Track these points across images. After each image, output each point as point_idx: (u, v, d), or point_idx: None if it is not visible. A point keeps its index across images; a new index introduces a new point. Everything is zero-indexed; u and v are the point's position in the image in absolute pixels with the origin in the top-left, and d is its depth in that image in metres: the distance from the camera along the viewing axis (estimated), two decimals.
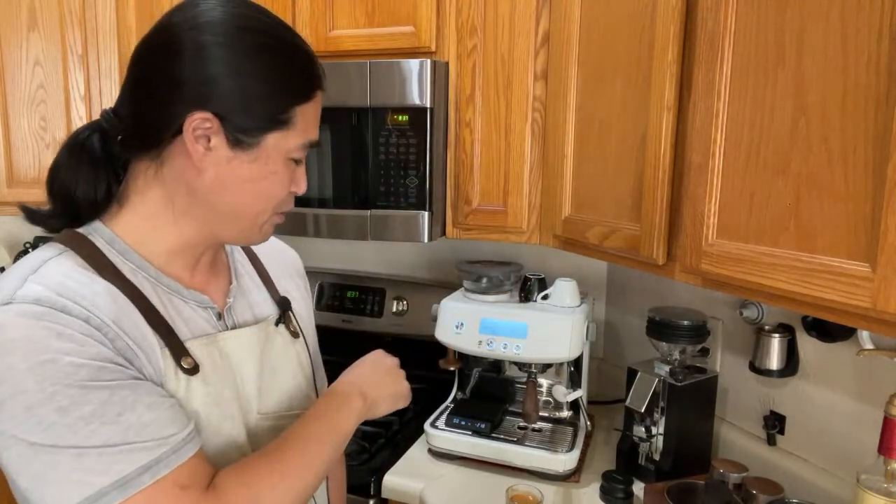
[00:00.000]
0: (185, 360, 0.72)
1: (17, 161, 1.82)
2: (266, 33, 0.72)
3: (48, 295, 0.64)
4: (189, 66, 0.68)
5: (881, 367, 1.11)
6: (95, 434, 0.62)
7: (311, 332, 1.00)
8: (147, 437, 0.64)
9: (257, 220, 0.77)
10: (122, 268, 0.72)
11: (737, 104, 0.89)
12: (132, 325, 0.69)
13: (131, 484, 0.62)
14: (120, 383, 0.64)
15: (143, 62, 0.72)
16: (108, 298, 0.68)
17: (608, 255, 1.26)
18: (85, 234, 0.73)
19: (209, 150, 0.70)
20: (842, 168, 0.75)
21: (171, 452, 0.65)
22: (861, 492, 0.95)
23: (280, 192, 0.76)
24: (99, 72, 1.85)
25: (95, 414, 0.62)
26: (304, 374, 0.90)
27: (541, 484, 1.28)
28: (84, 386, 0.62)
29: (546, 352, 1.38)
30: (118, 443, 0.62)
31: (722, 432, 1.43)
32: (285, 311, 0.89)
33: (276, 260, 0.96)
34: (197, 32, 0.69)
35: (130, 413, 0.64)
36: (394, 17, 1.51)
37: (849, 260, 0.73)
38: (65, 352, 0.62)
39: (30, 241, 2.11)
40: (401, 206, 1.48)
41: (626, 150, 1.15)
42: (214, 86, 0.68)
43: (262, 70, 0.71)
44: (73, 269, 0.68)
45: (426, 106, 1.43)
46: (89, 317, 0.65)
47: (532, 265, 1.85)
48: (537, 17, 1.41)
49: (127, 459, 0.62)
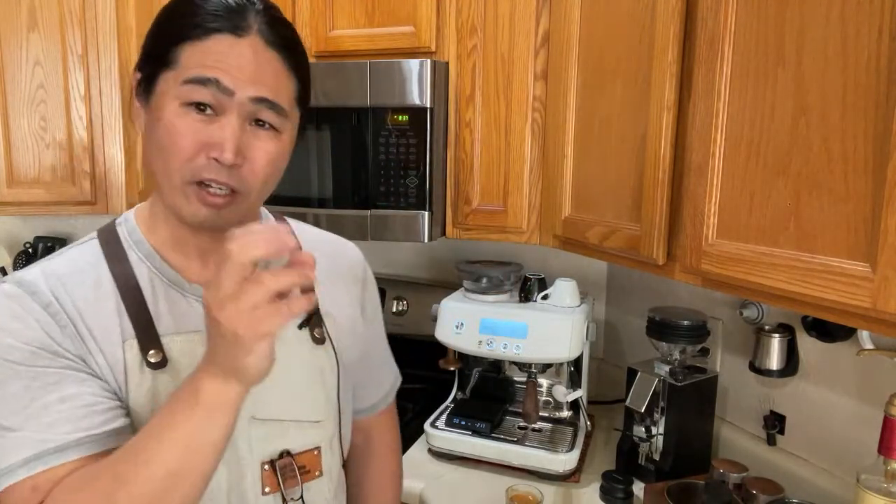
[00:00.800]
0: (153, 354, 0.71)
1: (17, 161, 1.82)
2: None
3: (31, 278, 0.70)
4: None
5: (881, 367, 1.11)
6: (8, 417, 0.65)
7: (353, 343, 0.90)
8: (42, 430, 0.65)
9: (170, 183, 0.69)
10: (132, 257, 0.75)
11: (737, 104, 0.89)
12: (99, 316, 0.70)
13: (13, 474, 0.64)
14: (46, 370, 0.66)
15: None
16: (91, 288, 0.71)
17: (608, 255, 1.26)
18: (115, 225, 0.78)
19: (137, 110, 0.73)
20: (842, 168, 0.75)
21: (55, 451, 0.65)
22: (861, 492, 0.95)
23: (176, 145, 0.67)
24: (99, 72, 1.85)
25: (15, 396, 0.65)
26: (325, 382, 0.83)
27: (541, 484, 1.28)
28: (13, 367, 0.66)
29: (546, 352, 1.38)
30: (17, 429, 0.65)
31: (722, 432, 1.43)
32: (312, 313, 0.83)
33: (328, 260, 0.88)
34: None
35: (42, 401, 0.65)
36: (394, 17, 1.51)
37: (849, 260, 0.73)
38: (10, 332, 0.66)
39: (30, 241, 2.11)
40: (401, 206, 1.48)
41: (626, 150, 1.15)
42: (142, 45, 0.73)
43: (161, 15, 0.72)
44: (84, 256, 0.74)
45: (426, 106, 1.43)
46: (50, 303, 0.69)
47: (532, 265, 1.85)
48: (537, 17, 1.41)
49: (17, 447, 0.64)
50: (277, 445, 0.79)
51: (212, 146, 0.67)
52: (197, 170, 0.68)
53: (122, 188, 1.91)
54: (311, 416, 0.82)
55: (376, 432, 1.05)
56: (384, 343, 1.04)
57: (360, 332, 0.93)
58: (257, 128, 0.70)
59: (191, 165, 0.68)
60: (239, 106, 0.68)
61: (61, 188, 1.86)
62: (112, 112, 1.88)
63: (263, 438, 0.77)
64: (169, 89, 0.68)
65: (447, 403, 1.58)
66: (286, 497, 0.79)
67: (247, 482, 0.76)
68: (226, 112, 0.68)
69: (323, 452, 0.82)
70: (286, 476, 0.78)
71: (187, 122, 0.67)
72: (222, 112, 0.68)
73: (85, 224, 2.24)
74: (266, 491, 0.77)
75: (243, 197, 0.71)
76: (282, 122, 0.72)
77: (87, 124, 1.85)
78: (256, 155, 0.70)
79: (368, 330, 0.95)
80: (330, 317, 0.86)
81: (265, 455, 0.77)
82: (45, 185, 1.85)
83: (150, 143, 0.71)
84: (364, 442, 1.04)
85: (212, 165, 0.68)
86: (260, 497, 0.77)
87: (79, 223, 2.23)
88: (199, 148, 0.67)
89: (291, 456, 0.79)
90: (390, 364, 1.07)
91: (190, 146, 0.67)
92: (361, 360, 0.94)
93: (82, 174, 1.87)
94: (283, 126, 0.72)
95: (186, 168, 0.68)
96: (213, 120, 0.68)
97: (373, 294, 0.98)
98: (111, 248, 0.75)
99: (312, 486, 0.82)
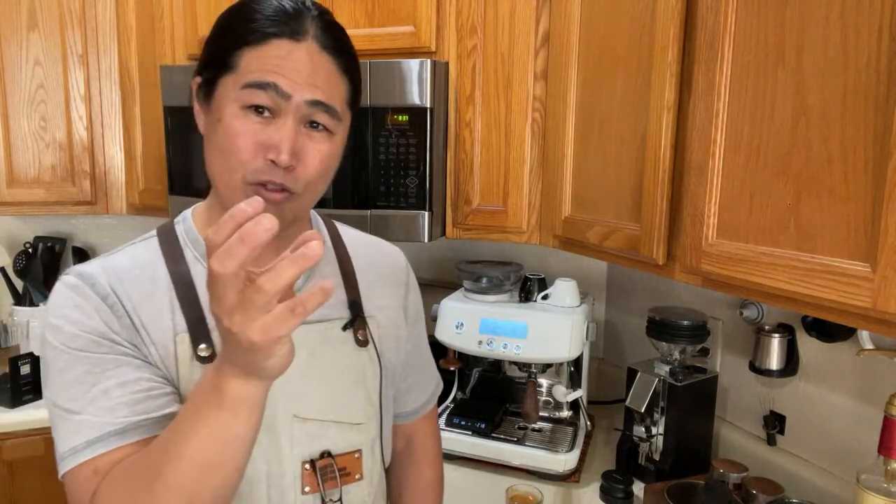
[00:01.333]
0: (203, 348, 0.73)
1: (17, 161, 1.82)
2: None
3: (91, 271, 0.74)
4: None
5: (881, 367, 1.11)
6: (70, 401, 0.69)
7: (396, 345, 0.91)
8: (102, 414, 0.68)
9: (230, 183, 0.71)
10: (188, 255, 0.78)
11: (737, 104, 0.89)
12: (153, 310, 0.74)
13: (78, 455, 0.67)
14: (105, 357, 0.70)
15: None
16: (148, 283, 0.75)
17: (608, 255, 1.26)
18: (173, 223, 0.81)
19: (198, 113, 0.76)
20: (842, 168, 0.75)
21: (115, 434, 0.68)
22: (861, 492, 0.95)
23: (236, 146, 0.69)
24: (99, 72, 1.85)
25: (77, 380, 0.69)
26: (367, 384, 0.84)
27: (541, 484, 1.28)
28: (76, 354, 0.69)
29: (546, 352, 1.38)
30: (79, 411, 0.68)
31: (722, 432, 1.43)
32: (356, 316, 0.84)
33: (372, 262, 0.91)
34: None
35: (102, 385, 0.69)
36: (394, 17, 1.51)
37: (849, 260, 0.73)
38: (72, 321, 0.70)
39: (30, 241, 2.11)
40: (401, 206, 1.48)
41: (626, 149, 1.15)
42: (202, 52, 0.75)
43: (220, 22, 0.75)
44: (144, 252, 0.78)
45: (426, 106, 1.43)
46: (108, 294, 0.72)
47: (532, 265, 1.85)
48: (537, 17, 1.41)
49: (80, 430, 0.68)
50: (318, 445, 0.79)
51: (269, 148, 0.69)
52: (255, 172, 0.70)
53: (122, 188, 1.91)
54: (352, 417, 0.82)
55: (418, 438, 1.05)
56: (426, 347, 1.04)
57: (403, 335, 0.93)
58: (312, 130, 0.72)
59: (249, 166, 0.70)
60: (295, 109, 0.70)
61: (61, 188, 1.86)
62: (112, 112, 1.88)
63: (305, 437, 0.78)
64: (228, 93, 0.71)
65: (447, 403, 1.58)
66: (325, 498, 0.79)
67: (287, 480, 0.77)
68: (282, 114, 0.70)
69: (364, 456, 0.83)
70: (326, 477, 0.79)
71: (246, 125, 0.70)
72: (279, 114, 0.70)
73: (85, 224, 2.24)
74: (306, 490, 0.78)
75: (297, 196, 0.73)
76: (335, 124, 0.74)
77: (87, 124, 1.85)
78: (310, 156, 0.72)
79: (411, 333, 0.95)
80: (373, 319, 0.87)
81: (306, 454, 0.78)
82: (45, 185, 1.85)
83: (210, 144, 0.74)
84: (405, 447, 1.04)
85: (268, 167, 0.70)
86: (299, 496, 0.78)
87: (79, 223, 2.23)
88: (257, 149, 0.70)
89: (332, 457, 0.80)
90: (432, 369, 1.06)
91: (248, 147, 0.70)
92: (404, 364, 0.94)
93: (82, 174, 1.87)
94: (336, 128, 0.74)
95: (246, 168, 0.70)
96: (270, 122, 0.70)
97: (416, 297, 0.98)
98: (169, 245, 0.78)
99: (352, 489, 0.82)
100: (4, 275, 2.05)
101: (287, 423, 0.77)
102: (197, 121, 0.77)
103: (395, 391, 0.96)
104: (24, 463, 1.68)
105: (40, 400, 1.74)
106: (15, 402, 1.69)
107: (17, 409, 1.69)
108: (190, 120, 0.78)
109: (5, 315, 2.10)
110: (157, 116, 1.77)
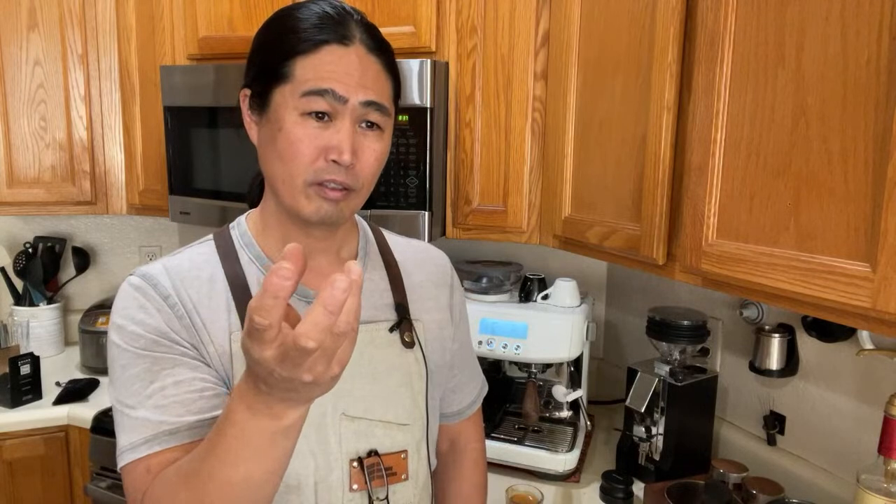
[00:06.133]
0: None
1: (17, 161, 1.82)
2: (283, 7, 0.78)
3: (154, 272, 0.77)
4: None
5: (881, 367, 1.11)
6: (129, 397, 0.72)
7: (441, 347, 0.92)
8: (158, 412, 0.70)
9: (292, 186, 0.75)
10: (243, 258, 0.81)
11: (737, 104, 0.89)
12: (211, 310, 0.77)
13: (136, 450, 0.70)
14: (164, 356, 0.73)
15: None
16: (206, 284, 0.78)
17: (608, 255, 1.26)
18: (228, 228, 0.85)
19: (250, 124, 0.79)
20: (842, 168, 0.75)
21: (168, 434, 0.70)
22: (861, 492, 0.95)
23: (299, 151, 0.73)
24: (99, 72, 1.85)
25: (137, 377, 0.72)
26: (413, 386, 0.85)
27: (541, 484, 1.28)
28: (137, 352, 0.73)
29: (546, 352, 1.38)
30: (137, 407, 0.71)
31: (722, 432, 1.43)
32: (402, 318, 0.86)
33: (417, 265, 0.93)
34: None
35: (160, 383, 0.72)
36: (394, 17, 1.51)
37: (849, 260, 0.73)
38: (135, 321, 0.74)
39: (30, 241, 2.11)
40: (401, 206, 1.48)
41: (626, 150, 1.15)
42: (248, 64, 0.79)
43: (265, 34, 0.78)
44: (202, 254, 0.81)
45: (426, 106, 1.43)
46: (169, 295, 0.76)
47: (532, 265, 1.85)
48: (537, 17, 1.41)
49: (137, 427, 0.71)
50: (365, 444, 0.81)
51: (330, 149, 0.73)
52: (318, 172, 0.74)
53: (122, 188, 1.91)
54: (398, 418, 0.83)
55: (462, 440, 1.06)
56: (471, 349, 1.05)
57: (448, 336, 0.94)
58: (366, 129, 0.76)
59: (312, 168, 0.74)
60: (351, 111, 0.74)
61: (61, 188, 1.86)
62: (112, 112, 1.88)
63: (352, 435, 0.80)
64: (286, 101, 0.74)
65: None
66: (372, 496, 0.81)
67: (334, 477, 0.78)
68: (340, 117, 0.74)
69: (410, 456, 0.84)
70: (373, 475, 0.81)
71: (307, 130, 0.73)
72: (336, 117, 0.74)
73: (85, 224, 2.23)
74: (353, 488, 0.80)
75: (356, 193, 0.77)
76: (386, 121, 0.78)
77: (87, 124, 1.86)
78: (367, 154, 0.76)
79: (456, 333, 0.97)
80: (419, 321, 0.89)
81: (353, 452, 0.80)
82: (45, 185, 1.85)
83: (269, 152, 0.76)
84: (449, 449, 1.05)
85: (331, 167, 0.74)
86: (347, 493, 0.79)
87: (79, 223, 2.23)
88: (319, 152, 0.73)
89: (379, 456, 0.81)
90: (477, 371, 1.07)
91: (311, 151, 0.73)
92: (449, 365, 0.96)
93: (82, 174, 1.87)
94: (386, 124, 0.78)
95: (308, 171, 0.74)
96: (328, 125, 0.74)
97: (460, 299, 0.99)
98: (225, 249, 0.82)
99: (398, 488, 0.83)
100: (4, 275, 2.05)
101: (335, 421, 0.79)
102: (248, 132, 0.80)
103: (441, 392, 0.97)
104: (24, 463, 1.68)
105: (40, 400, 1.74)
106: (15, 402, 1.69)
107: (17, 409, 1.69)
108: (189, 120, 0.78)
109: (5, 315, 2.10)
110: (157, 116, 1.77)
